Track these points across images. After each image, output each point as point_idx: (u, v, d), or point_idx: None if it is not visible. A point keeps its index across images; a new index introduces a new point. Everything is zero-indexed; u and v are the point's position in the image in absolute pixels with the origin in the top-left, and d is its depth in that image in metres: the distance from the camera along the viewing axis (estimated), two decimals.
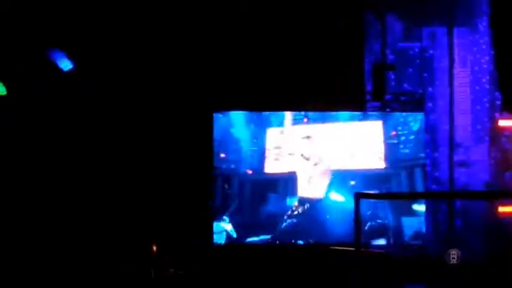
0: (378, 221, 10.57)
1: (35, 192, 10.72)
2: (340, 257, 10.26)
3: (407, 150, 10.95)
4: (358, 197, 7.54)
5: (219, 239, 10.75)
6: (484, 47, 11.25)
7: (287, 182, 10.78)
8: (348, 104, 11.20)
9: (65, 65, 10.54)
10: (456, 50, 11.26)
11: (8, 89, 10.52)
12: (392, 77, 11.34)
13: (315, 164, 10.84)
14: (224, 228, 10.68)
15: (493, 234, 10.89)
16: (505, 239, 10.78)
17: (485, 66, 11.24)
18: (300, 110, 11.07)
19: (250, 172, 10.78)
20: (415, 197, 10.99)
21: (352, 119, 10.98)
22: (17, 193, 10.69)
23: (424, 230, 10.82)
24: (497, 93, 11.24)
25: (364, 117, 11.04)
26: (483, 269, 10.31)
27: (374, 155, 10.84)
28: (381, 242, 10.65)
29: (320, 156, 10.83)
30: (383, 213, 10.56)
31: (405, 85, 11.41)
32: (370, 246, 10.52)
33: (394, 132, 10.89)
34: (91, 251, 10.18)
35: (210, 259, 10.74)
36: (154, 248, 9.75)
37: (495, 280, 10.02)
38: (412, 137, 10.94)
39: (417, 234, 10.73)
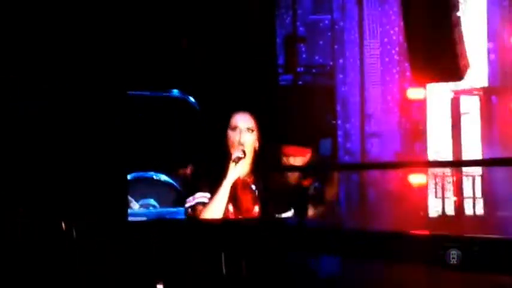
0: None
1: None
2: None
3: None
4: None
5: None
6: (393, 17, 11.22)
7: None
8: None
9: None
10: (366, 22, 11.19)
11: None
12: (304, 49, 11.24)
13: None
14: None
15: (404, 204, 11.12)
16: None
17: (394, 37, 11.26)
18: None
19: None
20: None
21: None
22: None
23: None
24: (407, 64, 11.30)
25: None
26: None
27: None
28: None
29: None
30: None
31: (316, 57, 11.34)
32: None
33: None
34: None
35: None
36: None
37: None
38: None
39: None
